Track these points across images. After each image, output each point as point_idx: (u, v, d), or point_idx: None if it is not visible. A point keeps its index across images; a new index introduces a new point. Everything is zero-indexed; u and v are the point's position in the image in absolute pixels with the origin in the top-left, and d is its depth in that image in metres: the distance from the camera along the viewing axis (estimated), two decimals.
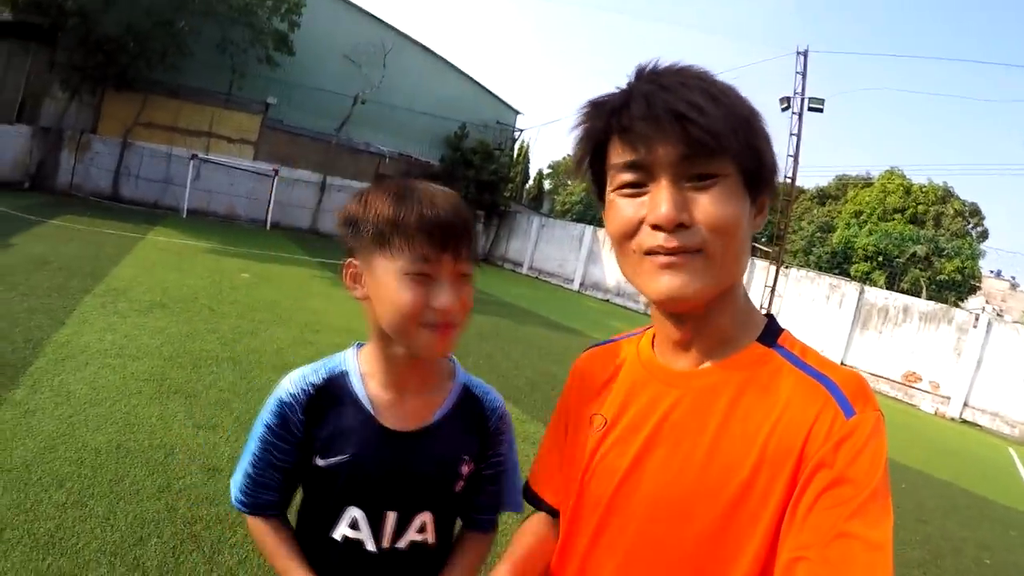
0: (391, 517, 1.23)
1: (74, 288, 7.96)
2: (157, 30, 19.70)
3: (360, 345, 1.33)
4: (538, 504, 1.25)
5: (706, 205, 0.89)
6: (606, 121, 0.95)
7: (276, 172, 24.01)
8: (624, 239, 0.95)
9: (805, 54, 21.73)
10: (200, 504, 3.65)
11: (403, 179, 1.20)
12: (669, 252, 0.90)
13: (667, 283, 0.91)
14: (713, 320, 0.99)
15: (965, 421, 16.37)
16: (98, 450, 3.98)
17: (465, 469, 1.30)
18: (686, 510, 0.92)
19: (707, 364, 1.00)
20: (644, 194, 0.92)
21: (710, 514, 0.90)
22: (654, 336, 1.11)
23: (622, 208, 0.95)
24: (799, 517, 0.82)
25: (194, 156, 22.28)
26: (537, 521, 1.24)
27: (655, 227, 0.90)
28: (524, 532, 1.22)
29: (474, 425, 1.33)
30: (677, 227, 0.89)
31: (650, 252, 0.92)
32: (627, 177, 0.94)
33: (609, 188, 0.98)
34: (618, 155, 0.95)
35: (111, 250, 11.47)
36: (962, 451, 11.85)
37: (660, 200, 0.89)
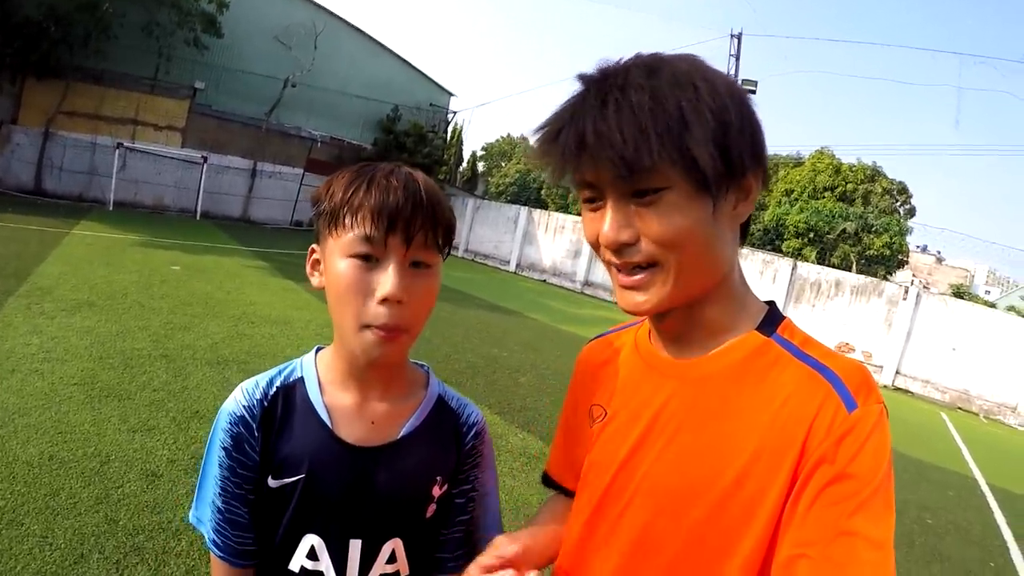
0: (355, 546, 1.11)
1: None
2: (80, 13, 18.73)
3: (320, 349, 1.21)
4: (552, 487, 1.25)
5: (650, 221, 0.88)
6: (547, 149, 0.93)
7: (205, 159, 23.23)
8: (595, 249, 0.97)
9: (739, 37, 22.10)
10: (141, 513, 3.53)
11: (376, 162, 1.12)
12: (624, 269, 0.92)
13: (629, 299, 0.94)
14: (702, 312, 0.97)
15: (898, 388, 17.00)
16: (30, 463, 3.81)
17: (437, 491, 1.18)
18: (682, 501, 0.91)
19: (703, 354, 0.98)
20: (601, 208, 0.92)
21: (705, 505, 0.88)
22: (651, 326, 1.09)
23: (587, 222, 0.96)
24: (800, 513, 0.81)
25: (119, 145, 21.29)
26: (554, 500, 1.23)
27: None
28: (543, 511, 1.23)
29: (447, 442, 1.21)
30: (623, 245, 0.90)
31: (610, 265, 0.94)
32: (585, 193, 0.94)
33: (580, 199, 0.99)
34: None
35: (35, 247, 10.98)
36: (896, 418, 12.19)
37: (604, 220, 0.91)
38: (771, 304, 1.04)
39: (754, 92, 21.84)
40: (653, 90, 0.85)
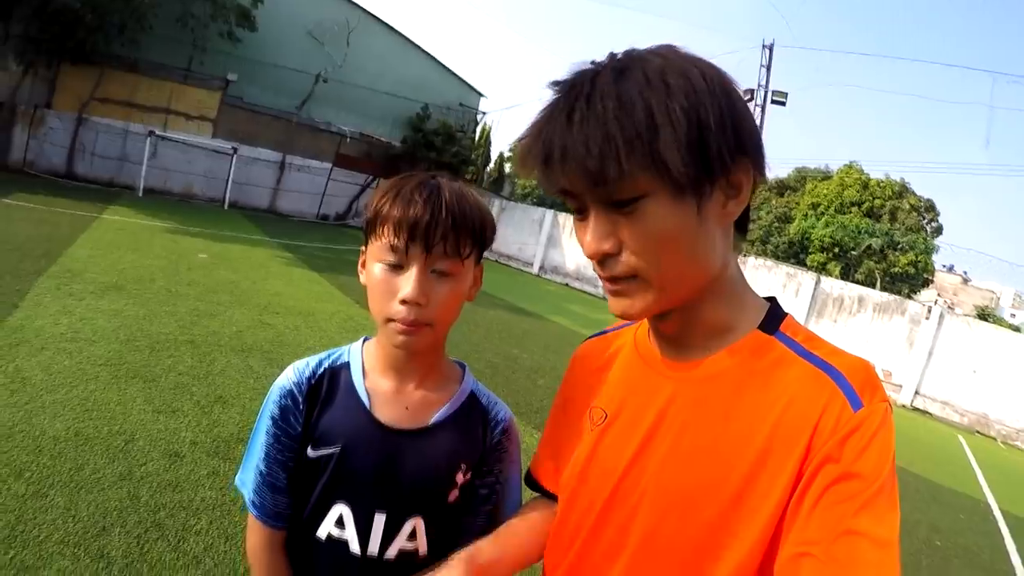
0: (380, 519, 1.20)
1: (27, 270, 7.76)
2: (116, 2, 19.05)
3: (368, 340, 1.34)
4: (536, 489, 1.24)
5: (629, 231, 0.86)
6: (523, 163, 0.91)
7: (235, 150, 23.55)
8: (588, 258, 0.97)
9: (771, 48, 21.99)
10: (163, 491, 3.62)
11: (415, 172, 1.22)
12: (607, 279, 0.92)
13: (615, 305, 0.93)
14: (698, 312, 0.96)
15: (916, 409, 16.76)
16: (56, 438, 3.91)
17: (460, 478, 1.27)
18: (691, 503, 0.90)
19: (705, 354, 0.97)
20: (586, 219, 0.91)
21: (715, 506, 0.87)
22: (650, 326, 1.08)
23: (577, 233, 0.95)
24: (804, 512, 0.80)
25: (151, 133, 21.65)
26: (532, 505, 1.24)
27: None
28: (517, 514, 1.23)
29: (474, 434, 1.31)
30: (606, 256, 0.89)
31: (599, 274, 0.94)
32: (571, 204, 0.92)
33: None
34: None
35: (66, 230, 11.18)
36: (914, 438, 12.12)
37: (586, 232, 0.90)
38: (772, 301, 1.02)
39: (784, 103, 21.75)
40: (620, 95, 0.81)
